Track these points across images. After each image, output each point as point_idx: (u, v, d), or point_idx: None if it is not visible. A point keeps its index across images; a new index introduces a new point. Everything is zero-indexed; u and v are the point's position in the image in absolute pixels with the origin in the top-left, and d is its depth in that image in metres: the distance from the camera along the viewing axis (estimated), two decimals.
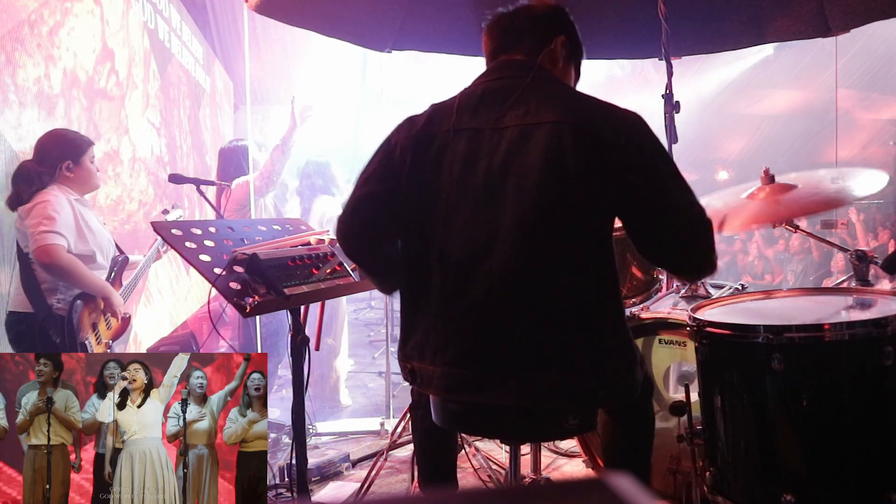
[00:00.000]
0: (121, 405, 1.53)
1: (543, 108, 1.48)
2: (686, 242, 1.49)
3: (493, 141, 1.50)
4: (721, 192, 2.34)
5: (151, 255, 2.89)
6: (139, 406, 1.53)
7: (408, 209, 1.58)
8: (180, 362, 1.55)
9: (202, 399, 1.54)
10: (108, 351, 2.63)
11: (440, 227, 1.52)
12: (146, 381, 1.54)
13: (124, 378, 1.53)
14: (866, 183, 2.09)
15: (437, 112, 1.60)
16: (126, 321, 2.75)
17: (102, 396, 1.53)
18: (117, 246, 2.78)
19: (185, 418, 1.53)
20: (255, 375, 1.55)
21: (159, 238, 2.88)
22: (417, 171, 1.56)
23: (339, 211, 1.65)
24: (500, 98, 1.53)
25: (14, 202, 2.43)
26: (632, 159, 1.45)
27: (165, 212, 3.15)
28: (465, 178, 1.50)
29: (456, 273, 1.50)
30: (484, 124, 1.52)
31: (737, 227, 2.12)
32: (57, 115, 2.82)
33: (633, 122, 1.48)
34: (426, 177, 1.55)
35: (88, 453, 1.52)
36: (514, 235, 1.45)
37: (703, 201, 1.50)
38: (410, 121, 1.63)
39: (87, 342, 2.48)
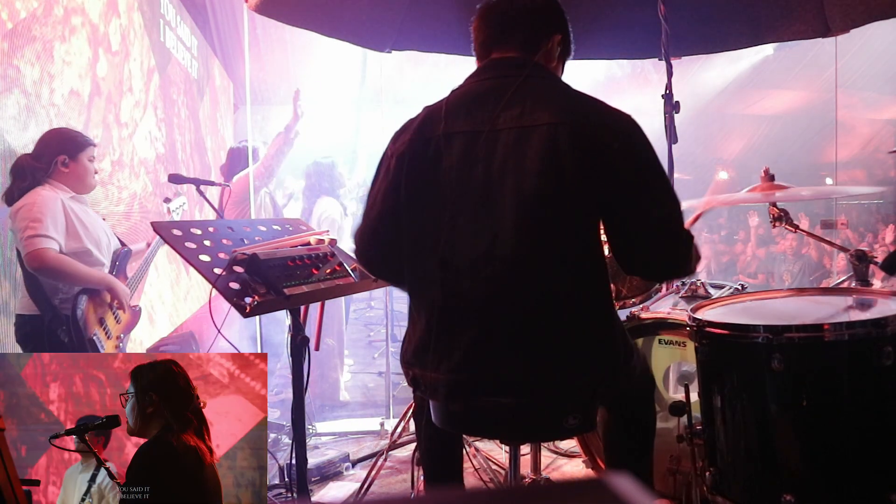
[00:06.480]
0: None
1: (538, 108, 1.46)
2: (658, 253, 1.48)
3: (489, 144, 1.47)
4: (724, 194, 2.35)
5: (158, 242, 2.80)
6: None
7: (408, 217, 1.56)
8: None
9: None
10: (120, 346, 2.61)
11: (439, 234, 1.50)
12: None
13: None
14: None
15: (430, 115, 1.57)
16: (136, 313, 2.72)
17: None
18: (119, 240, 2.74)
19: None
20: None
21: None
22: (414, 177, 1.54)
23: (342, 214, 1.65)
24: (493, 99, 1.50)
25: (9, 197, 2.42)
26: (623, 164, 1.43)
27: (167, 200, 3.07)
28: (463, 183, 1.48)
29: (456, 279, 1.49)
30: (479, 126, 1.49)
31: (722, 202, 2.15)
32: (56, 58, 2.75)
33: (627, 126, 1.47)
34: (423, 183, 1.53)
35: None
36: (514, 240, 1.44)
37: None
38: (403, 128, 1.61)
39: (95, 338, 2.46)
